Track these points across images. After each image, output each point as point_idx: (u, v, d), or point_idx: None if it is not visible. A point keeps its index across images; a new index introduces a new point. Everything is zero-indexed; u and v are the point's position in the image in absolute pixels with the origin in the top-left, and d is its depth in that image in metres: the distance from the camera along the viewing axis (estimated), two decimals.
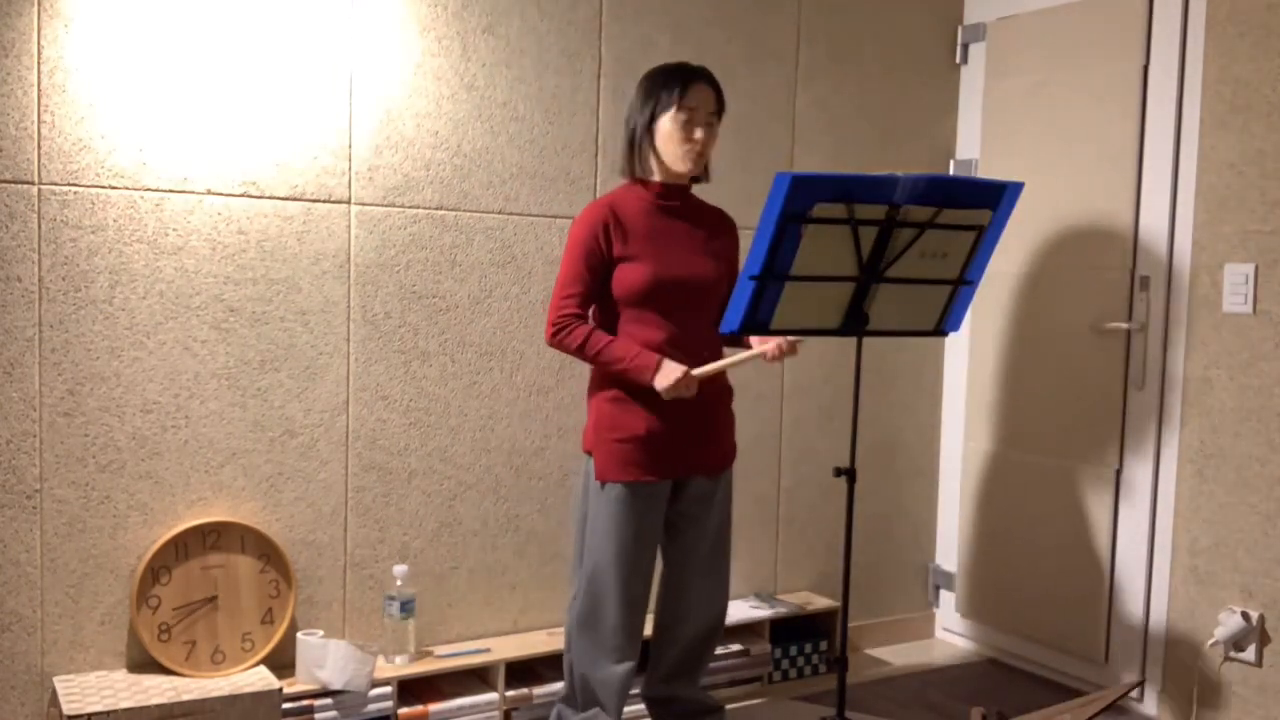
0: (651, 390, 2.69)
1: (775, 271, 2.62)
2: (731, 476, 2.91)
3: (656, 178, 2.76)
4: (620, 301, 2.72)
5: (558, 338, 2.71)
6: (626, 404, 2.71)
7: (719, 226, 2.87)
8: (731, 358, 2.72)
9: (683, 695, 2.99)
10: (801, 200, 2.51)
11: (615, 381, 2.73)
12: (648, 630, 2.97)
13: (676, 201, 2.79)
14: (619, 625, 2.76)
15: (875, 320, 2.85)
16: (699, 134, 2.69)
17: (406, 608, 3.02)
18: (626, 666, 2.80)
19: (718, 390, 2.84)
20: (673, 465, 2.76)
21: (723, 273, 2.81)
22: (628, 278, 2.69)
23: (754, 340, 2.80)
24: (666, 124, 2.69)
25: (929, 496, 4.09)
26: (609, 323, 2.76)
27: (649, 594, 2.83)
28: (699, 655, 2.96)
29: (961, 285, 2.93)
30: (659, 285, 2.69)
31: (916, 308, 2.93)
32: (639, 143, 2.74)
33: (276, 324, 2.94)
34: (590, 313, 2.76)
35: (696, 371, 2.67)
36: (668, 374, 2.63)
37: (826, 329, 2.87)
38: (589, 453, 2.78)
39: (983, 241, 2.85)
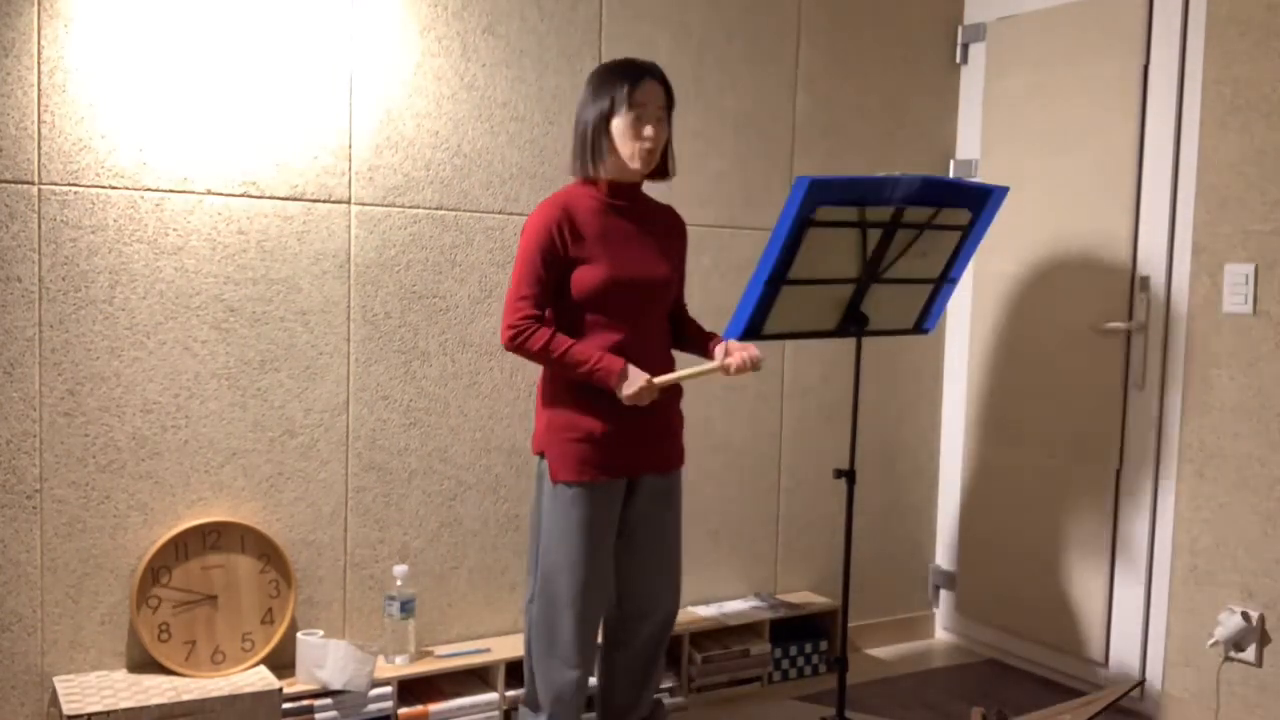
0: (604, 390, 2.68)
1: (786, 276, 2.64)
2: (681, 476, 2.89)
3: (606, 176, 2.72)
4: (574, 301, 2.68)
5: (516, 341, 2.64)
6: (579, 405, 2.68)
7: (669, 226, 2.84)
8: (693, 369, 2.70)
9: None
10: (814, 203, 2.54)
11: (568, 382, 2.70)
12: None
13: (627, 201, 2.75)
14: (575, 628, 2.73)
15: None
16: (648, 130, 2.64)
17: (406, 608, 3.02)
18: (579, 673, 2.77)
19: (667, 391, 2.80)
20: (626, 464, 2.73)
21: (674, 273, 2.79)
22: (582, 279, 2.66)
23: (716, 351, 2.79)
24: (617, 123, 2.66)
25: (929, 497, 4.10)
26: (563, 324, 2.72)
27: (607, 597, 2.80)
28: (649, 659, 2.93)
29: (945, 284, 2.98)
30: (614, 286, 2.66)
31: (898, 307, 2.95)
32: (590, 141, 2.70)
33: (276, 324, 2.94)
34: (546, 315, 2.72)
35: (658, 380, 2.64)
36: (633, 382, 2.61)
37: (823, 330, 2.88)
38: (541, 454, 2.76)
39: (967, 240, 2.90)
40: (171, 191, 2.80)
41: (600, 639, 2.90)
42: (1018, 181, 3.74)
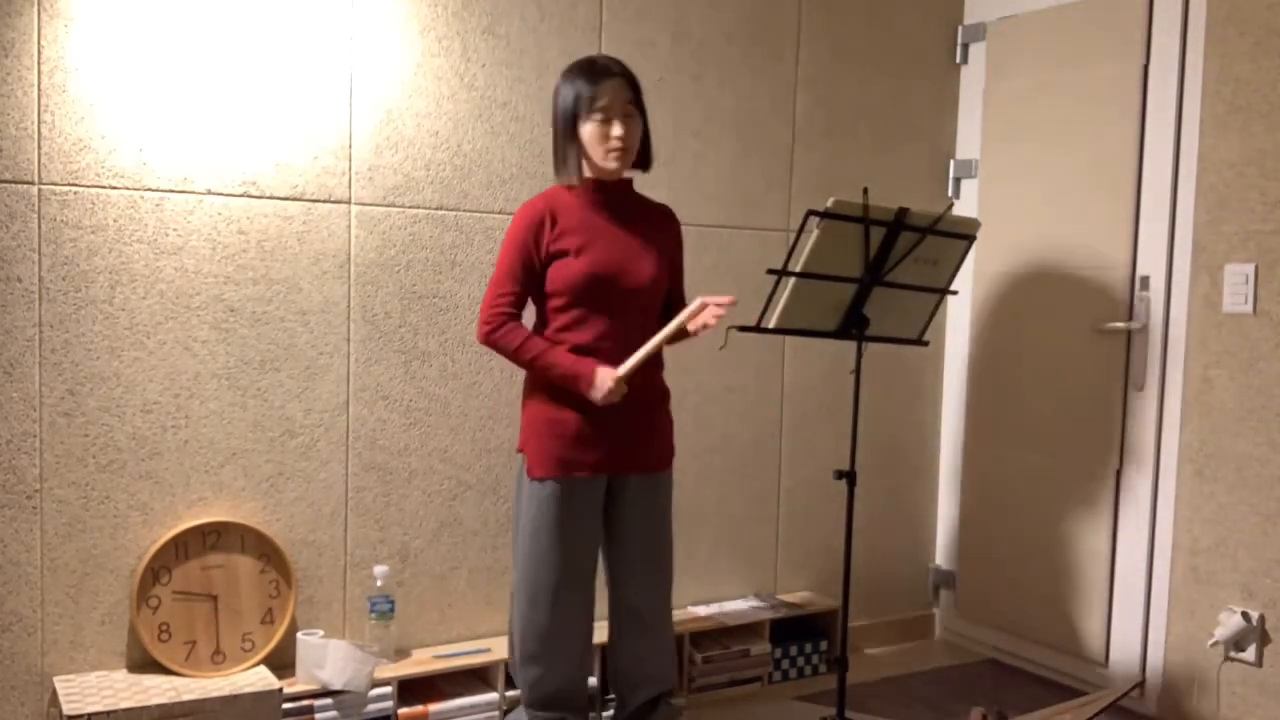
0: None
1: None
2: (671, 478, 2.88)
3: (590, 174, 2.72)
4: (556, 296, 2.68)
5: (492, 336, 2.66)
6: (559, 400, 2.69)
7: (659, 222, 2.82)
8: (650, 344, 2.63)
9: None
10: None
11: (546, 379, 2.70)
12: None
13: (614, 196, 2.74)
14: (554, 625, 2.73)
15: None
16: (616, 130, 2.63)
17: (379, 607, 3.01)
18: (539, 670, 2.77)
19: (653, 392, 2.80)
20: (606, 462, 2.72)
21: (662, 270, 2.77)
22: (564, 273, 2.65)
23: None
24: (586, 127, 2.64)
25: (929, 497, 4.09)
26: (547, 318, 2.72)
27: (590, 597, 2.80)
28: (642, 655, 2.91)
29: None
30: (596, 281, 2.65)
31: (903, 315, 2.95)
32: (563, 148, 2.69)
33: (276, 324, 2.94)
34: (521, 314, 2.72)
35: (620, 370, 2.61)
36: (599, 387, 2.61)
37: (825, 331, 2.88)
38: (522, 450, 2.76)
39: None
40: (171, 191, 2.80)
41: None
42: (1018, 181, 3.75)
